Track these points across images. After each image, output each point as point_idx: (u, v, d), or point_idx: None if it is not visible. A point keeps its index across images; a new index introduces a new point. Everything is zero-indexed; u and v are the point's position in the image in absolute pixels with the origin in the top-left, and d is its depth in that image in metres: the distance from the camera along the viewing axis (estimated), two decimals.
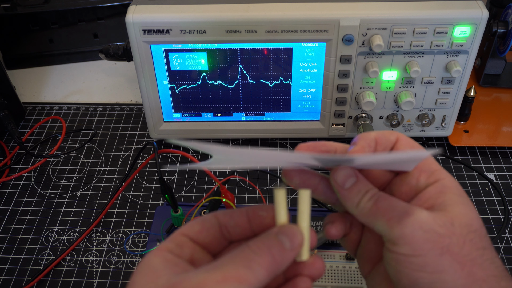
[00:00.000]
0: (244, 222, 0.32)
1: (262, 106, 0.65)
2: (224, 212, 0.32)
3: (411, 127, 0.66)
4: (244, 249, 0.28)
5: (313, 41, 0.59)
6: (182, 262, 0.29)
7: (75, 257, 0.57)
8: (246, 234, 0.32)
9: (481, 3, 0.57)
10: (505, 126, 0.70)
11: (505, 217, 0.59)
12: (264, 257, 0.27)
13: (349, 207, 0.32)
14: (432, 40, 0.57)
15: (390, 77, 0.61)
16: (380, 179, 0.34)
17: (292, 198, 0.62)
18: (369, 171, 0.33)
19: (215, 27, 0.57)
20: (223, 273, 0.26)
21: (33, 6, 0.80)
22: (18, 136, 0.66)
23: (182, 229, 0.31)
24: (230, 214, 0.32)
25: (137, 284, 0.28)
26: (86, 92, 0.81)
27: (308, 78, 0.62)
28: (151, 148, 0.69)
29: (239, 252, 0.28)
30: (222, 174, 0.66)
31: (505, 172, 0.65)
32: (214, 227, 0.31)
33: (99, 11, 0.82)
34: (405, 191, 0.32)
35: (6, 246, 0.58)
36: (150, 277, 0.27)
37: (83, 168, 0.67)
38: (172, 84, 0.63)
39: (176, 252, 0.30)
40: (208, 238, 0.31)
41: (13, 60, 0.85)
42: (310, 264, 0.30)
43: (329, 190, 0.33)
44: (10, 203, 0.63)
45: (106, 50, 0.69)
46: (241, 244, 0.29)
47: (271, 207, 0.31)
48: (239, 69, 0.61)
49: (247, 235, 0.32)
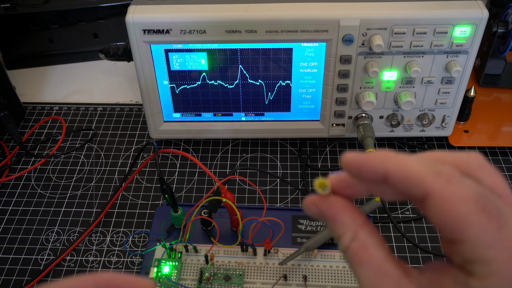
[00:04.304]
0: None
1: (262, 106, 0.65)
2: (101, 277, 0.29)
3: (411, 127, 0.66)
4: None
5: (313, 41, 0.59)
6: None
7: (75, 257, 0.57)
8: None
9: (481, 3, 0.57)
10: (505, 126, 0.70)
11: None
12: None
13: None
14: (432, 40, 0.57)
15: (390, 77, 0.61)
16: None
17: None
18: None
19: (215, 27, 0.57)
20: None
21: (33, 6, 0.80)
22: (18, 136, 0.66)
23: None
24: (106, 282, 0.28)
25: None
26: (86, 92, 0.81)
27: (308, 78, 0.62)
28: (151, 148, 0.69)
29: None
30: (222, 174, 0.66)
31: (505, 172, 0.65)
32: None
33: (99, 11, 0.82)
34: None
35: (6, 246, 0.58)
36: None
37: (83, 168, 0.67)
38: (172, 84, 0.63)
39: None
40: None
41: (13, 60, 0.85)
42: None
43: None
44: (10, 203, 0.63)
45: (106, 50, 0.69)
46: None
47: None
48: (239, 69, 0.61)
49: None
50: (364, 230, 0.27)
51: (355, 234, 0.27)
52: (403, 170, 0.25)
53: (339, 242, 0.28)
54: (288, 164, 0.67)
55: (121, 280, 0.28)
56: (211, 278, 0.52)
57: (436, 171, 0.25)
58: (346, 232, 0.27)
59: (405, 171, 0.25)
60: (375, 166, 0.26)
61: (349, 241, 0.27)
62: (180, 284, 0.51)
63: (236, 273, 0.52)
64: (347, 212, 0.28)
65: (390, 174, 0.25)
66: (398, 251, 0.56)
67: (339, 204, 0.28)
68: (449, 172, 0.25)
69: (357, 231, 0.27)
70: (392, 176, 0.25)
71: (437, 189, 0.24)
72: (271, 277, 0.52)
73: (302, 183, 0.64)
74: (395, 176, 0.25)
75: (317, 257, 0.53)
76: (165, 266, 0.53)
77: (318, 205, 0.28)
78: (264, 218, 0.54)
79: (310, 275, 0.52)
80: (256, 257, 0.54)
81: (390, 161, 0.25)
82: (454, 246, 0.25)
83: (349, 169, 0.27)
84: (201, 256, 0.54)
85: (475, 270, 0.24)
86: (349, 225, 0.27)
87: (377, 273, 0.26)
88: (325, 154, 0.68)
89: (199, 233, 0.56)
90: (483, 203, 0.24)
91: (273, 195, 0.63)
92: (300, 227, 0.57)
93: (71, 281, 0.28)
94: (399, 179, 0.25)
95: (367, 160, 0.26)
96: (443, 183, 0.24)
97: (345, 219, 0.28)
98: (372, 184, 0.27)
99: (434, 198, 0.24)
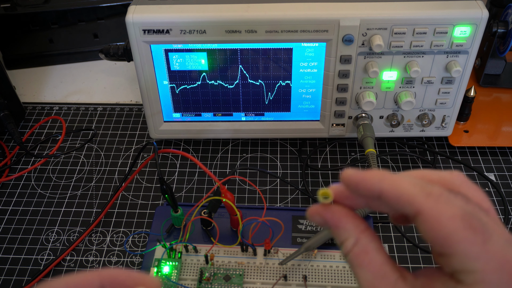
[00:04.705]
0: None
1: (262, 106, 0.65)
2: (106, 274, 0.29)
3: (411, 127, 0.66)
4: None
5: (313, 41, 0.59)
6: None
7: (75, 257, 0.57)
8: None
9: (481, 3, 0.57)
10: (505, 126, 0.70)
11: (505, 217, 0.59)
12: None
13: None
14: (432, 40, 0.57)
15: (390, 77, 0.61)
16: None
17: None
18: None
19: (215, 27, 0.57)
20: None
21: (33, 6, 0.80)
22: (18, 136, 0.66)
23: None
24: (111, 278, 0.29)
25: None
26: (86, 92, 0.81)
27: (308, 78, 0.62)
28: (151, 148, 0.69)
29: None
30: (222, 174, 0.66)
31: (505, 172, 0.65)
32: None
33: (99, 11, 0.82)
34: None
35: (6, 246, 0.58)
36: None
37: (83, 168, 0.67)
38: (172, 84, 0.63)
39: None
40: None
41: (13, 60, 0.85)
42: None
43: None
44: (10, 203, 0.63)
45: (106, 50, 0.69)
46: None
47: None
48: (239, 69, 0.61)
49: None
50: (366, 235, 0.29)
51: (357, 239, 0.29)
52: (397, 190, 0.28)
53: (341, 247, 0.30)
54: (288, 164, 0.67)
55: (125, 276, 0.29)
56: (211, 278, 0.52)
57: (426, 191, 0.27)
58: (349, 237, 0.30)
59: (398, 191, 0.28)
60: (371, 184, 0.28)
61: (351, 246, 0.29)
62: (180, 284, 0.51)
63: (236, 273, 0.52)
64: (349, 219, 0.30)
65: (384, 193, 0.28)
66: (398, 251, 0.56)
67: (341, 212, 0.30)
68: (438, 191, 0.27)
69: (359, 237, 0.29)
70: (386, 195, 0.28)
71: (427, 208, 0.27)
72: (271, 277, 0.52)
73: (302, 183, 0.64)
74: (389, 195, 0.28)
75: (317, 257, 0.53)
76: (165, 266, 0.53)
77: (321, 214, 0.30)
78: (264, 218, 0.54)
79: (310, 275, 0.52)
80: (256, 257, 0.54)
81: (385, 181, 0.28)
82: (444, 258, 0.27)
83: (348, 185, 0.29)
84: (201, 256, 0.54)
85: (463, 278, 0.26)
86: (352, 231, 0.30)
87: (376, 276, 0.28)
88: (325, 154, 0.68)
89: (199, 233, 0.56)
90: (469, 220, 0.26)
91: (273, 195, 0.63)
92: (300, 227, 0.57)
93: (76, 277, 0.28)
94: (393, 198, 0.28)
95: (364, 178, 0.28)
96: (433, 202, 0.27)
97: (348, 226, 0.30)
98: (369, 199, 0.29)
99: (424, 216, 0.27)
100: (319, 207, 0.31)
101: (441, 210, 0.26)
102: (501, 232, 0.27)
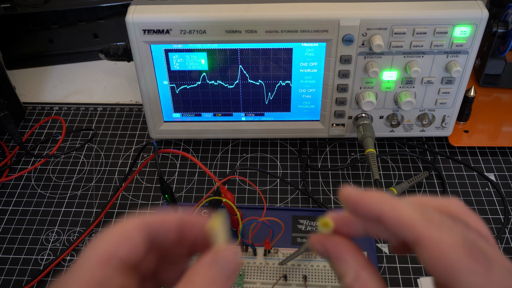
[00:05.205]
0: (172, 231, 0.29)
1: (262, 106, 0.65)
2: (153, 220, 0.29)
3: (411, 127, 0.66)
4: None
5: (313, 41, 0.59)
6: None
7: (75, 257, 0.57)
8: (172, 241, 0.29)
9: (481, 3, 0.57)
10: (505, 126, 0.70)
11: (505, 217, 0.59)
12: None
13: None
14: (432, 40, 0.57)
15: (390, 77, 0.61)
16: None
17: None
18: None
19: (215, 27, 0.57)
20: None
21: (33, 6, 0.80)
22: (18, 136, 0.66)
23: (105, 250, 0.27)
24: (159, 224, 0.29)
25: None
26: (86, 92, 0.81)
27: (308, 78, 0.62)
28: (151, 148, 0.69)
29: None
30: (222, 174, 0.66)
31: (505, 172, 0.65)
32: (141, 244, 0.28)
33: (99, 11, 0.82)
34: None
35: (6, 246, 0.58)
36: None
37: (83, 168, 0.67)
38: (172, 84, 0.63)
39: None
40: (136, 258, 0.28)
41: (13, 60, 0.85)
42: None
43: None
44: (10, 203, 0.63)
45: (106, 50, 0.69)
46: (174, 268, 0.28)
47: (204, 221, 0.29)
48: (239, 69, 0.61)
49: (174, 243, 0.30)
50: (366, 271, 0.28)
51: (358, 274, 0.28)
52: (397, 214, 0.27)
53: (341, 280, 0.29)
54: (288, 164, 0.67)
55: (201, 221, 0.28)
56: None
57: (427, 218, 0.26)
58: (349, 271, 0.29)
59: (398, 215, 0.27)
60: (370, 205, 0.28)
61: (351, 281, 0.28)
62: None
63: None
64: (350, 252, 0.29)
65: (383, 215, 0.27)
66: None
67: (343, 244, 0.29)
68: (438, 218, 0.27)
69: (359, 272, 0.28)
70: (385, 218, 0.27)
71: (428, 236, 0.26)
72: (271, 277, 0.52)
73: (302, 183, 0.64)
74: (388, 219, 0.27)
75: (317, 257, 0.53)
76: None
77: (323, 244, 0.30)
78: (264, 218, 0.54)
79: (310, 275, 0.52)
80: (256, 257, 0.54)
81: (385, 203, 0.27)
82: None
83: (346, 203, 0.28)
84: None
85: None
86: (352, 265, 0.29)
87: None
88: (325, 154, 0.68)
89: None
90: (471, 248, 0.25)
91: (273, 195, 0.63)
92: (300, 227, 0.57)
93: (120, 229, 0.28)
94: (392, 222, 0.27)
95: (363, 198, 0.28)
96: (434, 229, 0.26)
97: (349, 259, 0.29)
98: (367, 222, 0.29)
99: (425, 244, 0.26)
100: (322, 236, 0.30)
101: (442, 238, 0.26)
102: (502, 260, 0.26)
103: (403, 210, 0.27)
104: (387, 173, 0.65)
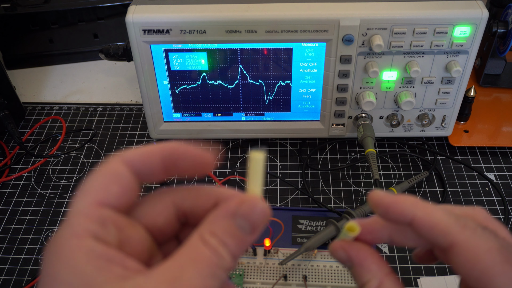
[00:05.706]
0: (157, 163, 0.26)
1: (262, 106, 0.65)
2: (136, 155, 0.26)
3: (411, 127, 0.66)
4: (199, 248, 0.23)
5: (313, 41, 0.59)
6: (115, 255, 0.22)
7: None
8: (159, 174, 0.27)
9: (481, 3, 0.57)
10: (505, 126, 0.70)
11: (505, 217, 0.59)
12: (225, 259, 0.23)
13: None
14: (432, 40, 0.57)
15: (390, 77, 0.61)
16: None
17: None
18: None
19: (215, 27, 0.57)
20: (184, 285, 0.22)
21: (33, 6, 0.80)
22: (18, 136, 0.66)
23: (95, 193, 0.25)
24: (142, 158, 0.26)
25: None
26: (86, 92, 0.81)
27: (308, 78, 0.62)
28: None
29: (193, 253, 0.23)
30: (222, 174, 0.66)
31: (505, 172, 0.65)
32: (131, 183, 0.25)
33: (99, 11, 0.82)
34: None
35: (6, 246, 0.58)
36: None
37: (83, 168, 0.67)
38: (172, 84, 0.63)
39: (103, 236, 0.23)
40: (130, 200, 0.26)
41: (13, 60, 0.85)
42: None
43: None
44: (10, 203, 0.63)
45: (106, 50, 0.69)
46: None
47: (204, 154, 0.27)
48: (239, 69, 0.61)
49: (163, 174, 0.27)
50: (390, 279, 0.28)
51: (381, 283, 0.28)
52: (431, 218, 0.27)
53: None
54: (288, 164, 0.67)
55: (183, 149, 0.26)
56: None
57: (462, 223, 0.26)
58: (372, 279, 0.28)
59: (433, 220, 0.26)
60: (403, 209, 0.27)
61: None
62: None
63: (236, 273, 0.52)
64: (374, 259, 0.29)
65: (417, 220, 0.27)
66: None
67: (367, 251, 0.29)
68: (472, 224, 0.26)
69: (383, 280, 0.28)
70: (419, 222, 0.27)
71: (463, 240, 0.26)
72: (271, 277, 0.52)
73: (302, 183, 0.64)
74: (422, 223, 0.27)
75: (317, 257, 0.53)
76: None
77: (346, 250, 0.29)
78: None
79: (310, 275, 0.52)
80: (256, 257, 0.54)
81: (419, 208, 0.27)
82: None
83: (377, 207, 0.28)
84: None
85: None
86: (376, 273, 0.28)
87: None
88: (325, 154, 0.68)
89: None
90: (506, 254, 0.25)
91: (273, 195, 0.63)
92: (300, 227, 0.57)
93: (141, 150, 0.26)
94: (426, 226, 0.27)
95: (396, 202, 0.27)
96: (469, 234, 0.26)
97: (372, 267, 0.28)
98: (395, 229, 0.29)
99: (460, 248, 0.26)
100: (344, 242, 0.29)
101: (478, 243, 0.26)
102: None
103: (437, 214, 0.27)
104: (387, 173, 0.65)
